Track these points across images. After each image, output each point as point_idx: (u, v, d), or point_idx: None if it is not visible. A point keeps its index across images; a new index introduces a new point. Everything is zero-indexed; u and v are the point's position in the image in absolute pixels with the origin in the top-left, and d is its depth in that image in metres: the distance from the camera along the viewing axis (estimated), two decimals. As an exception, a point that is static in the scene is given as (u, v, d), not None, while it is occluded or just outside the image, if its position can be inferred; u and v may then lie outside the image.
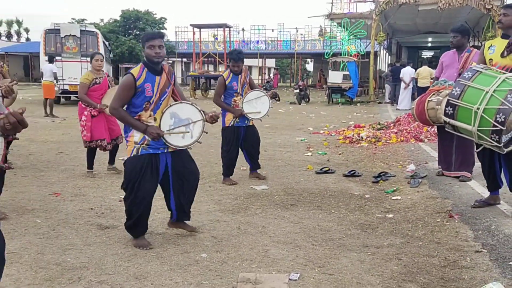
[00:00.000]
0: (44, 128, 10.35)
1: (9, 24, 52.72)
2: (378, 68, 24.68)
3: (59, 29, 16.38)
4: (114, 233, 3.72)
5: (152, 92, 3.37)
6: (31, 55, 36.28)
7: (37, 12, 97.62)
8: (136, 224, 3.48)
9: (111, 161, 6.00)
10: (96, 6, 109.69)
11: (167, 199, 3.67)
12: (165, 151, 3.47)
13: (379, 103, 19.37)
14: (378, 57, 26.40)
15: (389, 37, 25.23)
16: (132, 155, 3.41)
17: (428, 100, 4.98)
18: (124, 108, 3.42)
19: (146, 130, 3.32)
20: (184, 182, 3.58)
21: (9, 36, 52.16)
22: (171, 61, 42.27)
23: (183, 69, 46.19)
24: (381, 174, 5.77)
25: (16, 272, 2.98)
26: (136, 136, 3.40)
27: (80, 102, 5.80)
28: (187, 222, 3.81)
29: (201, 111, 3.48)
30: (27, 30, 54.25)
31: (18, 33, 53.57)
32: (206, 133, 3.52)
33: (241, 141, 5.59)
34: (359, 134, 8.93)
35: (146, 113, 3.40)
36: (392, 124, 9.92)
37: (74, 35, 16.33)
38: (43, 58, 16.54)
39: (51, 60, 13.90)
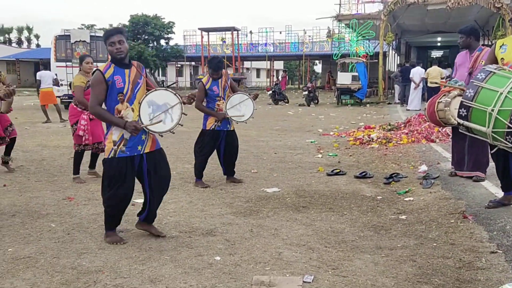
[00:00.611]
0: (56, 133, 10.46)
1: (20, 30, 53.40)
2: (387, 69, 24.57)
3: (69, 35, 16.55)
4: (128, 237, 3.75)
5: (123, 83, 3.49)
6: (41, 61, 36.69)
7: (47, 19, 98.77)
8: (112, 219, 3.67)
9: (93, 165, 6.02)
10: (105, 11, 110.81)
11: (145, 199, 3.79)
12: (141, 152, 3.58)
13: (389, 103, 19.29)
14: (387, 58, 26.27)
15: (397, 37, 25.13)
16: (109, 156, 3.53)
17: (438, 102, 5.04)
18: (103, 105, 3.55)
19: (125, 126, 3.45)
20: (156, 186, 3.69)
21: (19, 42, 52.82)
22: (179, 65, 42.51)
23: (192, 73, 46.36)
24: (393, 175, 5.74)
25: (32, 276, 3.02)
26: (115, 134, 3.51)
27: (73, 105, 5.77)
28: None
29: (177, 95, 3.62)
30: (37, 37, 54.93)
31: (29, 40, 54.24)
32: (186, 115, 3.65)
33: (219, 145, 5.59)
34: (370, 135, 8.90)
35: (123, 105, 3.52)
36: (402, 125, 9.87)
37: (84, 41, 16.50)
38: (54, 64, 16.74)
39: (46, 67, 14.04)
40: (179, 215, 4.38)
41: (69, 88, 15.50)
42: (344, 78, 19.39)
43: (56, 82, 13.78)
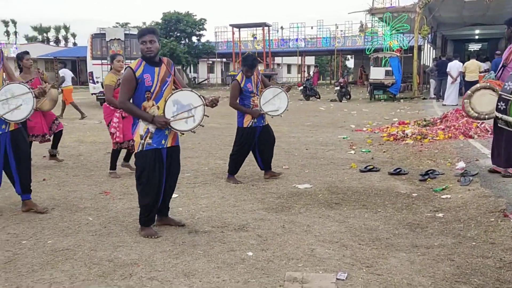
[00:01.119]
0: (92, 130, 10.75)
1: (57, 30, 55.07)
2: (422, 63, 23.93)
3: (104, 34, 16.93)
4: (162, 231, 3.81)
5: (151, 82, 3.61)
6: (78, 59, 37.77)
7: (83, 18, 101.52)
8: (147, 213, 3.76)
9: (127, 158, 6.15)
10: (138, 9, 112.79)
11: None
12: (165, 146, 3.71)
13: (424, 99, 18.81)
14: (422, 52, 25.60)
15: (433, 30, 24.41)
16: (138, 150, 3.69)
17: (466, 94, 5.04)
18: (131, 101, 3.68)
19: (153, 120, 3.59)
20: (169, 181, 3.84)
21: (57, 41, 54.49)
22: (210, 62, 42.84)
23: (223, 69, 46.63)
24: (429, 172, 5.59)
25: (71, 268, 3.11)
26: (141, 129, 3.66)
27: (106, 105, 5.86)
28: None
29: (201, 97, 3.74)
30: (74, 35, 56.50)
31: (66, 39, 55.88)
32: (207, 116, 3.75)
33: (255, 141, 5.55)
34: (404, 131, 8.70)
35: (149, 103, 3.64)
36: (438, 120, 9.59)
37: (119, 39, 16.82)
38: (90, 62, 17.19)
39: (66, 65, 14.42)
40: (212, 210, 4.41)
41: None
42: (377, 73, 19.02)
43: (74, 80, 14.18)
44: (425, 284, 2.78)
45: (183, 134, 3.80)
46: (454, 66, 15.50)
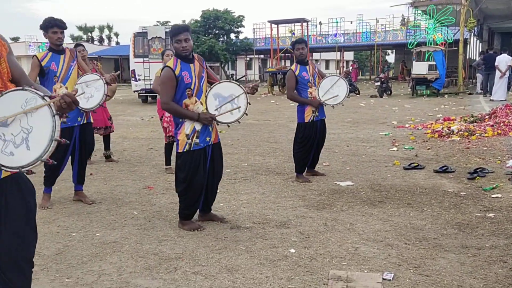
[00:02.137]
0: (135, 126, 11.03)
1: (101, 29, 56.79)
2: (468, 57, 23.01)
3: (146, 32, 17.29)
4: (205, 226, 3.85)
5: (190, 78, 3.61)
6: (120, 57, 38.81)
7: (125, 17, 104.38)
8: (190, 210, 3.80)
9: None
10: (178, 8, 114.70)
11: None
12: (209, 143, 3.72)
13: (470, 94, 18.09)
14: (468, 45, 24.63)
15: (480, 23, 23.42)
16: (185, 150, 3.65)
17: None
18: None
19: (199, 118, 3.58)
20: (213, 178, 3.84)
21: (101, 40, 56.21)
22: (248, 58, 42.96)
23: (260, 66, 46.60)
24: (478, 170, 5.36)
25: (118, 260, 3.20)
26: (187, 128, 3.63)
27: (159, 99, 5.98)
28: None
29: (240, 85, 3.73)
30: (117, 35, 58.05)
31: (109, 38, 57.51)
32: (250, 104, 3.73)
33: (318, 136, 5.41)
34: (450, 127, 8.39)
35: (192, 99, 3.64)
36: (487, 116, 9.20)
37: (160, 37, 17.13)
38: (132, 60, 17.62)
39: None
40: (252, 206, 4.42)
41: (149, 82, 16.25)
42: (420, 68, 18.45)
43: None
44: (476, 287, 2.67)
45: (228, 126, 3.83)
46: (503, 60, 14.84)
